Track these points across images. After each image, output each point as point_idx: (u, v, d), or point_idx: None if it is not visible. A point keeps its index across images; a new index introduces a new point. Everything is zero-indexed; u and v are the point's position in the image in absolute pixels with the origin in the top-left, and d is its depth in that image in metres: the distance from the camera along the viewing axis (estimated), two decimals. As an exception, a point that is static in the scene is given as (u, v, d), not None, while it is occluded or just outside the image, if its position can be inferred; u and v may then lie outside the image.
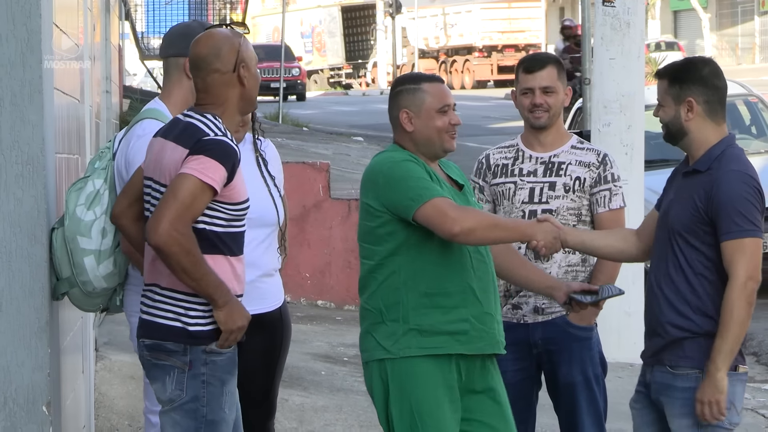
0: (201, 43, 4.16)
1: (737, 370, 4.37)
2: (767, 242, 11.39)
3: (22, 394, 3.92)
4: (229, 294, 4.10)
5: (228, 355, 4.14)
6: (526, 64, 5.11)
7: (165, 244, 3.97)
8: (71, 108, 5.18)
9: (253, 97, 4.22)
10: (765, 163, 12.09)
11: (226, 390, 4.14)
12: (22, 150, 3.91)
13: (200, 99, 4.17)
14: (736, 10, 49.39)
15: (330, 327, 9.96)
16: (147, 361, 4.17)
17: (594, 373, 5.09)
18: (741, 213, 4.28)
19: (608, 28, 8.59)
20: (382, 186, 4.41)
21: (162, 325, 4.12)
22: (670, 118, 4.43)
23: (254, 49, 4.22)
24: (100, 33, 8.65)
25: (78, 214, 4.26)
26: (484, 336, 4.47)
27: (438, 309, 4.43)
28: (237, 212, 4.15)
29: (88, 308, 4.47)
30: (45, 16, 4.02)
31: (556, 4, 55.68)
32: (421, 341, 4.43)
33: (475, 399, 4.49)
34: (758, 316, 10.51)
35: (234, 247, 4.14)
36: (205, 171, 4.02)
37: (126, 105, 16.10)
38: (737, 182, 4.31)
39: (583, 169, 5.09)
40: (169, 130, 4.15)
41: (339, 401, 7.59)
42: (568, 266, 5.06)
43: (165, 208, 4.00)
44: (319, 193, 10.77)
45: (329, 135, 25.29)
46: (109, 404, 6.95)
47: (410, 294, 4.43)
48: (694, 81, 4.39)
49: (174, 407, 4.11)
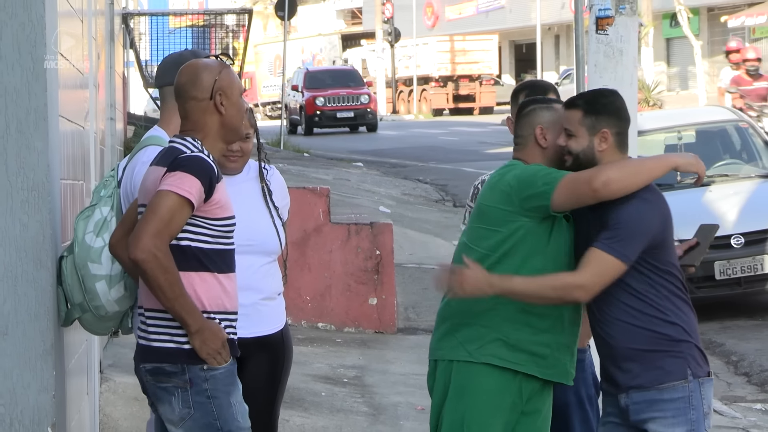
0: (182, 72, 4.28)
1: (709, 376, 4.48)
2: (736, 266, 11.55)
3: (27, 416, 3.95)
4: (201, 319, 4.13)
5: (226, 367, 4.19)
6: (528, 92, 5.17)
7: (144, 260, 4.03)
8: (76, 135, 5.23)
9: (235, 125, 4.28)
10: (755, 188, 12.19)
11: (233, 401, 4.20)
12: (28, 176, 3.96)
13: (182, 125, 4.28)
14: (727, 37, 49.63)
15: (330, 349, 10.00)
16: (151, 386, 4.21)
17: (587, 394, 5.16)
18: (616, 234, 4.34)
19: (602, 56, 8.66)
20: (515, 187, 4.45)
21: (157, 348, 4.17)
22: (582, 148, 4.47)
23: (320, 74, 4.27)
24: (105, 61, 8.72)
25: (87, 241, 4.33)
26: (558, 365, 4.56)
27: (529, 327, 4.50)
28: (223, 228, 4.19)
29: (100, 332, 4.53)
30: (50, 45, 4.07)
31: (508, 36, 56.44)
32: (505, 353, 4.49)
33: (520, 420, 4.56)
34: (748, 336, 10.62)
35: (222, 264, 4.19)
36: (181, 185, 4.08)
37: (130, 132, 16.17)
38: (633, 207, 4.35)
39: None
40: (154, 159, 4.25)
41: (339, 422, 7.62)
42: None
43: (145, 224, 4.06)
44: (319, 217, 10.84)
45: (330, 161, 25.36)
46: (114, 425, 6.98)
47: (508, 305, 4.48)
48: (610, 113, 4.45)
49: (188, 426, 4.16)
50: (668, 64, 50.30)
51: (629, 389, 4.50)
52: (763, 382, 9.52)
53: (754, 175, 12.42)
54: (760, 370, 9.79)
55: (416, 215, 16.59)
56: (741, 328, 10.72)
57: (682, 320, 4.45)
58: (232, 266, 4.23)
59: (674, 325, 4.44)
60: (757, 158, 12.68)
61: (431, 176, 23.40)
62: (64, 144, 4.62)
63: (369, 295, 10.72)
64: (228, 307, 4.20)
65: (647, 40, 42.35)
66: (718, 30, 49.04)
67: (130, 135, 15.63)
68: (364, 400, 8.31)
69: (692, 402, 4.45)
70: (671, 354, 4.44)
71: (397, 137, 35.04)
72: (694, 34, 37.57)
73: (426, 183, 22.41)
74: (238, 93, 4.29)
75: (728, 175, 12.23)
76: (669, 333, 4.44)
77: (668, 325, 4.44)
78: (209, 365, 4.15)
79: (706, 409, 4.48)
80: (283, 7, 27.06)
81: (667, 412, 4.47)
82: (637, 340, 4.46)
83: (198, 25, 19.47)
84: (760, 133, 12.92)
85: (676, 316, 4.45)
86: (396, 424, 7.69)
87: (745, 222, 11.64)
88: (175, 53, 4.87)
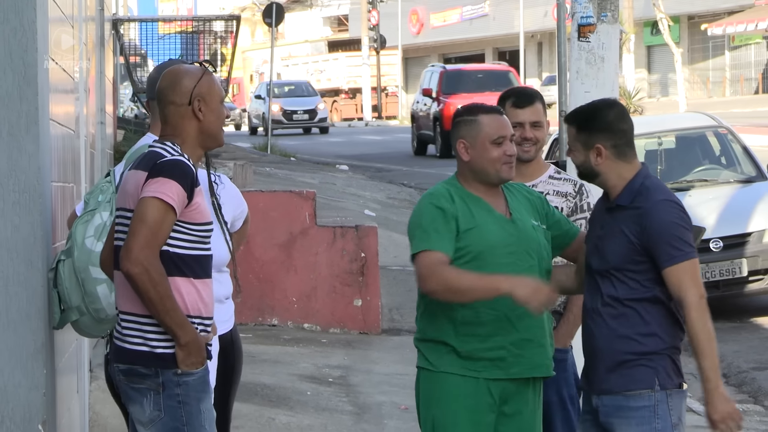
0: (164, 76, 4.30)
1: (681, 387, 4.51)
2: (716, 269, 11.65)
3: (18, 413, 3.98)
4: (192, 333, 4.16)
5: (199, 374, 4.21)
6: (515, 99, 5.20)
7: (137, 274, 4.06)
8: (66, 138, 5.27)
9: (214, 131, 4.28)
10: (734, 193, 12.34)
11: (203, 408, 4.22)
12: (19, 179, 4.00)
13: (162, 130, 4.29)
14: (707, 45, 49.98)
15: (316, 349, 10.04)
16: (124, 386, 4.22)
17: (569, 394, 5.18)
18: (678, 238, 4.42)
19: (583, 63, 8.75)
20: (410, 220, 4.62)
21: (130, 350, 4.18)
22: (580, 162, 4.56)
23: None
24: (95, 66, 8.78)
25: (88, 245, 4.36)
26: (522, 361, 4.58)
27: (475, 337, 4.55)
28: (201, 233, 4.21)
29: (96, 335, 4.56)
30: (41, 50, 4.12)
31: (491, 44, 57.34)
32: (462, 363, 4.56)
33: (502, 422, 4.60)
34: (726, 338, 10.73)
35: (198, 269, 4.20)
36: (165, 191, 4.10)
37: (120, 136, 16.22)
38: (666, 211, 4.45)
39: (561, 199, 5.18)
40: (133, 164, 4.27)
41: (324, 420, 7.67)
42: None
43: (136, 235, 4.08)
44: (305, 220, 10.92)
45: (316, 165, 25.40)
46: (103, 423, 7.01)
47: (449, 323, 4.56)
48: (601, 128, 4.51)
49: (156, 428, 4.17)
50: (649, 71, 50.57)
51: (600, 391, 4.56)
52: (740, 383, 9.63)
53: (732, 181, 12.56)
54: (738, 371, 9.91)
55: (401, 218, 16.66)
56: (719, 330, 10.69)
57: (664, 331, 4.49)
58: (208, 272, 4.24)
59: (653, 336, 4.48)
60: (736, 164, 12.81)
61: (416, 180, 23.47)
62: (55, 147, 4.65)
63: (354, 296, 10.80)
64: (203, 312, 4.22)
65: (628, 47, 42.52)
66: (698, 38, 49.31)
67: (120, 139, 15.68)
68: (348, 400, 8.36)
69: (658, 412, 4.47)
70: (642, 363, 4.48)
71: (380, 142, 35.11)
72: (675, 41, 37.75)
73: (410, 187, 22.49)
74: (218, 100, 4.29)
75: (707, 180, 12.36)
76: (645, 343, 4.47)
77: (647, 336, 4.47)
78: (183, 370, 4.17)
79: (674, 420, 4.50)
80: (271, 14, 27.16)
81: (631, 419, 4.51)
82: (615, 346, 4.50)
83: (187, 32, 19.52)
84: (739, 138, 13.07)
85: (658, 326, 4.48)
86: (380, 423, 7.75)
87: (723, 226, 11.77)
88: (162, 64, 4.89)
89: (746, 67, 49.35)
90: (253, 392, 8.18)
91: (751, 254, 11.85)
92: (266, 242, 10.85)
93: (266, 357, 9.52)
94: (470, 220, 4.57)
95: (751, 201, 12.20)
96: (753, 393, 9.34)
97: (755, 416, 8.67)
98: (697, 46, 49.90)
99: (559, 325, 5.18)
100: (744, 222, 11.91)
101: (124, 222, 4.23)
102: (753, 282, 11.89)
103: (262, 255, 10.81)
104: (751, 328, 11.64)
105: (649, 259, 4.48)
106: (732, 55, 50.02)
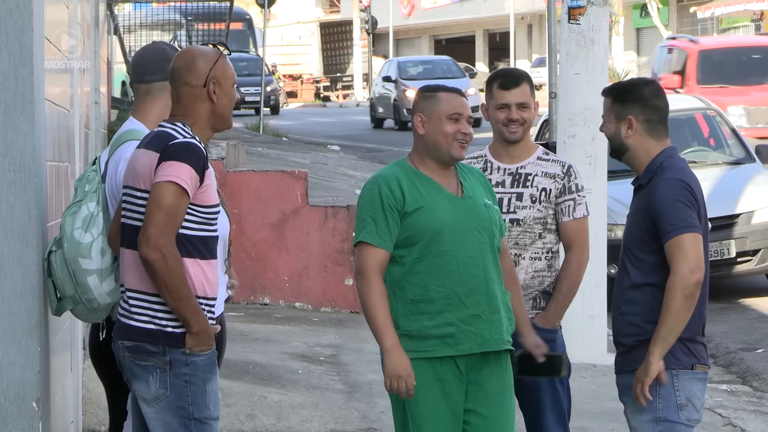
0: (179, 57, 4.31)
1: (693, 369, 4.52)
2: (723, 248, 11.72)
3: (12, 391, 4.02)
4: (204, 321, 4.20)
5: (208, 354, 4.24)
6: (502, 80, 5.23)
7: (155, 260, 4.11)
8: (61, 118, 5.29)
9: (225, 114, 4.31)
10: (722, 174, 12.41)
11: (209, 388, 4.25)
12: (15, 158, 4.03)
13: (173, 110, 4.31)
14: (696, 27, 49.98)
15: (307, 328, 10.07)
16: (129, 362, 4.25)
17: None
18: (673, 214, 4.45)
19: (573, 45, 8.80)
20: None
21: (138, 328, 4.22)
22: (611, 134, 4.63)
23: None
24: (90, 46, 8.79)
25: (76, 236, 4.37)
26: (471, 337, 4.64)
27: (424, 315, 4.63)
28: (209, 215, 4.24)
29: (92, 320, 4.59)
30: (36, 31, 4.14)
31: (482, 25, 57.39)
32: (413, 345, 4.63)
33: (471, 388, 4.69)
34: (714, 319, 10.81)
35: (205, 250, 4.23)
36: (179, 175, 4.14)
37: (114, 115, 16.23)
38: (669, 187, 4.49)
39: (549, 180, 5.22)
40: (142, 140, 4.30)
41: (315, 399, 7.70)
42: (534, 272, 5.21)
43: (153, 221, 4.12)
44: (297, 200, 10.96)
45: (307, 145, 25.39)
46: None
47: (399, 302, 4.65)
48: (635, 101, 4.59)
49: (161, 406, 4.20)
50: (638, 53, 50.57)
51: (616, 371, 4.65)
52: (728, 363, 9.68)
53: (721, 162, 12.62)
54: (726, 352, 9.97)
55: (392, 199, 16.65)
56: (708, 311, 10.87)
57: None
58: (214, 253, 4.27)
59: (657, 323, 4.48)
60: (724, 145, 12.88)
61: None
62: (50, 126, 4.67)
63: (345, 275, 10.85)
64: (208, 293, 4.25)
65: (618, 29, 42.55)
66: (687, 21, 49.29)
67: (114, 119, 15.70)
68: (339, 378, 8.40)
69: (660, 392, 4.50)
70: (646, 345, 4.49)
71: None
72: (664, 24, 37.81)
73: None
74: (231, 83, 4.31)
75: (696, 162, 12.40)
76: (649, 329, 4.48)
77: (651, 323, 4.47)
78: (190, 350, 4.20)
79: (681, 401, 4.50)
80: (263, -5, 27.08)
81: (632, 398, 4.56)
82: (624, 329, 4.56)
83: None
84: (728, 120, 13.12)
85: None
86: (371, 401, 7.79)
87: (712, 208, 11.67)
88: (148, 46, 4.84)
89: (733, 53, 49.30)
90: (244, 370, 8.22)
91: (740, 236, 11.92)
92: (258, 222, 10.89)
93: (258, 336, 9.56)
94: (419, 199, 4.64)
95: (739, 183, 12.27)
96: (741, 374, 9.39)
97: (743, 396, 8.73)
98: (686, 28, 49.90)
99: (548, 306, 5.23)
100: (732, 204, 11.98)
101: (130, 200, 4.26)
102: (741, 263, 11.97)
103: (254, 234, 10.85)
104: (739, 309, 11.71)
105: (657, 241, 4.49)
106: (721, 38, 50.03)
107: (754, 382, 9.18)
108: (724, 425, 7.77)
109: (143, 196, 4.22)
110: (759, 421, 7.97)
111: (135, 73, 4.77)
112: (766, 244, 11.91)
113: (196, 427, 4.23)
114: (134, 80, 4.76)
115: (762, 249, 11.90)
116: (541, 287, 5.22)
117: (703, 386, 4.58)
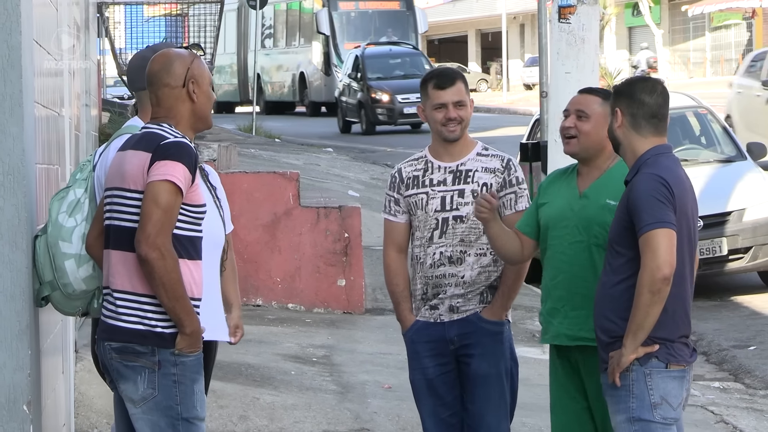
0: (155, 60, 4.36)
1: (668, 368, 4.49)
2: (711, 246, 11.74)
3: (3, 394, 4.03)
4: (196, 323, 4.22)
5: (196, 355, 4.26)
6: (437, 80, 5.27)
7: (154, 258, 4.13)
8: (51, 120, 5.29)
9: (205, 113, 4.37)
10: (714, 172, 12.44)
11: (197, 389, 4.27)
12: (4, 161, 4.04)
13: (154, 113, 4.35)
14: (687, 26, 50.11)
15: (300, 329, 10.09)
16: (116, 363, 4.25)
17: (506, 367, 5.24)
18: (646, 209, 4.45)
19: (564, 44, 8.81)
20: None
21: (125, 329, 4.23)
22: (609, 127, 4.71)
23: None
24: (80, 49, 8.79)
25: (60, 220, 4.41)
26: (550, 329, 4.95)
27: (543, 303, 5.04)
28: (197, 215, 4.27)
29: (68, 311, 4.59)
30: (25, 33, 4.14)
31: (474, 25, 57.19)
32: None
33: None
34: (706, 317, 10.83)
35: (192, 250, 4.25)
36: (175, 174, 4.17)
37: (105, 118, 16.25)
38: (644, 183, 4.50)
39: (489, 175, 5.27)
40: (127, 143, 4.32)
41: (308, 399, 7.71)
42: (480, 267, 5.24)
43: (152, 219, 4.15)
44: (289, 201, 10.97)
45: (300, 146, 25.43)
46: (89, 403, 7.05)
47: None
48: (623, 94, 4.66)
49: (148, 406, 4.22)
50: (630, 51, 50.70)
51: (600, 368, 4.65)
52: (721, 361, 9.70)
53: (712, 160, 12.65)
54: (718, 349, 9.98)
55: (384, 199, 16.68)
56: (700, 308, 10.90)
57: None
58: (200, 253, 4.29)
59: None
60: (716, 143, 12.91)
61: (398, 161, 23.43)
62: (40, 129, 4.68)
63: (338, 276, 10.86)
64: (195, 293, 4.27)
65: (611, 27, 42.62)
66: (679, 19, 49.39)
67: (105, 121, 15.70)
68: (332, 379, 8.42)
69: (633, 390, 4.48)
70: (620, 344, 4.49)
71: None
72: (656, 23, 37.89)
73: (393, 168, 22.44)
74: (208, 82, 4.37)
75: (687, 160, 12.41)
76: (622, 327, 4.48)
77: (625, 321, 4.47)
78: (179, 351, 4.23)
79: (655, 400, 4.48)
80: (254, -4, 27.11)
81: (610, 397, 4.57)
82: (603, 324, 4.56)
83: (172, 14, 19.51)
84: (719, 119, 13.15)
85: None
86: (364, 402, 7.80)
87: (703, 206, 11.73)
88: (134, 57, 4.95)
89: (726, 48, 49.46)
90: (237, 372, 8.23)
91: (731, 233, 11.95)
92: (250, 223, 10.89)
93: (250, 337, 9.55)
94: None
95: (730, 180, 12.30)
96: (733, 371, 9.41)
97: (735, 393, 8.76)
98: (677, 27, 50.03)
99: (494, 299, 5.27)
100: (724, 201, 12.00)
101: (117, 201, 4.27)
102: (733, 261, 12.00)
103: (246, 236, 10.86)
104: (731, 306, 11.74)
105: (635, 237, 4.50)
106: (712, 36, 50.16)
107: (746, 379, 9.20)
108: (717, 422, 7.79)
109: (134, 196, 4.23)
110: (751, 418, 7.99)
111: (128, 85, 4.92)
112: (757, 242, 11.94)
113: (183, 426, 4.25)
114: (136, 88, 4.89)
115: (753, 246, 11.93)
116: (488, 282, 5.26)
117: (680, 384, 4.54)
